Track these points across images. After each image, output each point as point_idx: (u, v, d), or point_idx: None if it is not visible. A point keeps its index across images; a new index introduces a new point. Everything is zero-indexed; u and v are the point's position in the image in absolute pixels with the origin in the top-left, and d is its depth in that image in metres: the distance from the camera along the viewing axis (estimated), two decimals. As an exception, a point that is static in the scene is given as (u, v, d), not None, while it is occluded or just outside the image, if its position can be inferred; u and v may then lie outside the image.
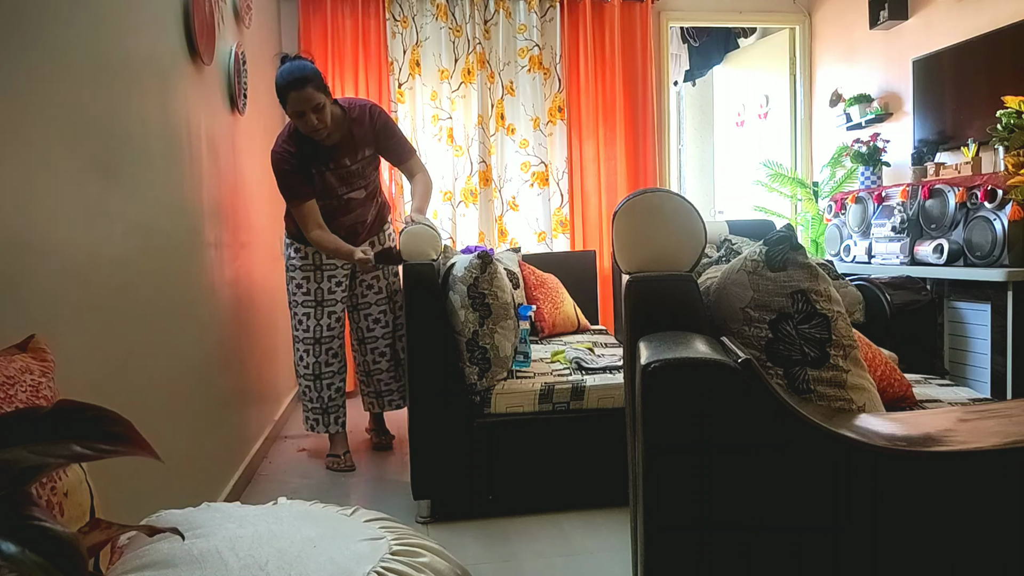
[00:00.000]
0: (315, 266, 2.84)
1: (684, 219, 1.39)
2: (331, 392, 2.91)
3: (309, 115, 2.56)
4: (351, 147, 2.75)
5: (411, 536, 1.11)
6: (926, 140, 3.66)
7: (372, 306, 2.97)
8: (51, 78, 1.38)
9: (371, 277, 2.95)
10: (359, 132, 2.75)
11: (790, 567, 1.07)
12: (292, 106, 2.56)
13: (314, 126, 2.58)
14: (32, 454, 0.59)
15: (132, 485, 1.59)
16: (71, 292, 1.42)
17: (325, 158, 2.72)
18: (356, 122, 2.74)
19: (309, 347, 2.86)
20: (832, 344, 1.30)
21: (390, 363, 3.01)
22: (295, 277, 2.86)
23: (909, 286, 2.91)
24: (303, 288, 2.85)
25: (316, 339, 2.85)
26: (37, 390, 0.97)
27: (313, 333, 2.85)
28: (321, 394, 2.89)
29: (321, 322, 2.85)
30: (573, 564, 2.02)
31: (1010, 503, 1.04)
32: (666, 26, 4.62)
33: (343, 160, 2.75)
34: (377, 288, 2.97)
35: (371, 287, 2.96)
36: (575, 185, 4.45)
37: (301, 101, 2.54)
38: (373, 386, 3.03)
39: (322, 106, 2.57)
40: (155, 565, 0.95)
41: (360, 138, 2.75)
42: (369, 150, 2.80)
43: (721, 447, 1.06)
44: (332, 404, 2.92)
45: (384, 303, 2.98)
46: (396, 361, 3.02)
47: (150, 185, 1.90)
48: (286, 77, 2.57)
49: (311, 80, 2.56)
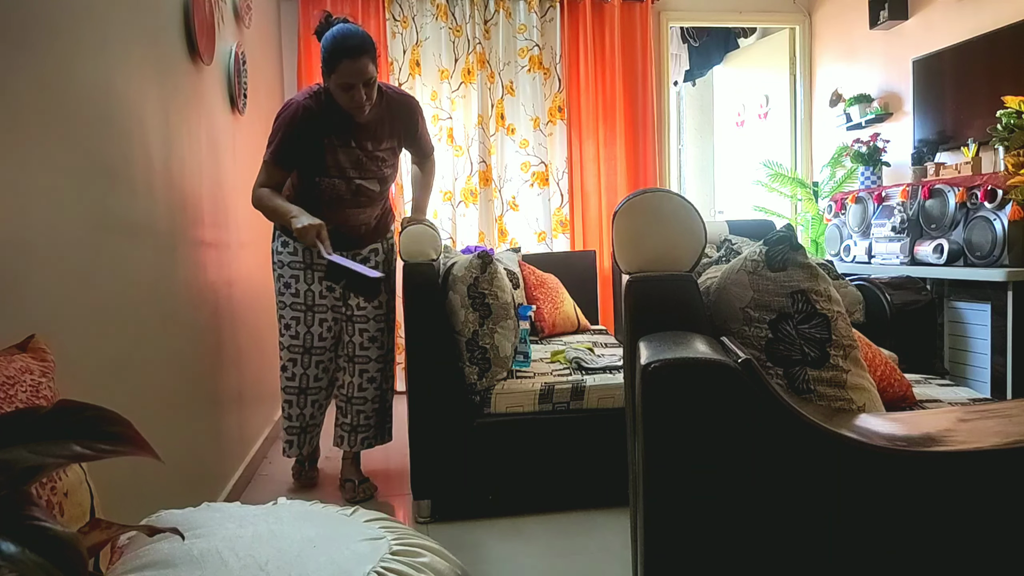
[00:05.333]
0: (305, 264, 2.48)
1: (684, 219, 1.39)
2: (314, 410, 2.57)
3: (359, 89, 2.24)
4: (378, 132, 2.43)
5: (411, 536, 1.11)
6: (926, 140, 3.66)
7: (370, 321, 2.53)
8: (51, 78, 1.38)
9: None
10: (391, 120, 2.46)
11: (790, 567, 1.07)
12: (342, 77, 2.23)
13: (361, 103, 2.27)
14: (32, 454, 0.59)
15: (132, 485, 1.59)
16: (71, 292, 1.42)
17: (347, 133, 2.38)
18: (393, 108, 2.46)
19: (296, 356, 2.50)
20: (832, 344, 1.30)
21: (377, 391, 2.57)
22: (283, 275, 2.50)
23: (909, 286, 2.91)
24: (291, 288, 2.49)
25: (306, 348, 2.50)
26: (37, 390, 0.97)
27: (303, 341, 2.50)
28: (304, 411, 2.55)
29: (312, 329, 2.50)
30: (573, 564, 2.02)
31: (1010, 503, 1.04)
32: (666, 26, 4.62)
33: (365, 143, 2.42)
34: (377, 302, 2.54)
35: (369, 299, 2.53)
36: (575, 185, 4.45)
37: (355, 72, 2.22)
38: (350, 416, 2.56)
39: (374, 81, 2.28)
40: (155, 565, 0.95)
41: (390, 126, 2.46)
42: (394, 142, 2.51)
43: (721, 447, 1.05)
44: (313, 423, 2.59)
45: (383, 320, 2.56)
46: (383, 391, 2.59)
47: (150, 185, 1.90)
48: (341, 42, 2.23)
49: (369, 49, 2.25)
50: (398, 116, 2.48)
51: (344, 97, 2.27)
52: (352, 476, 2.59)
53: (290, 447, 2.58)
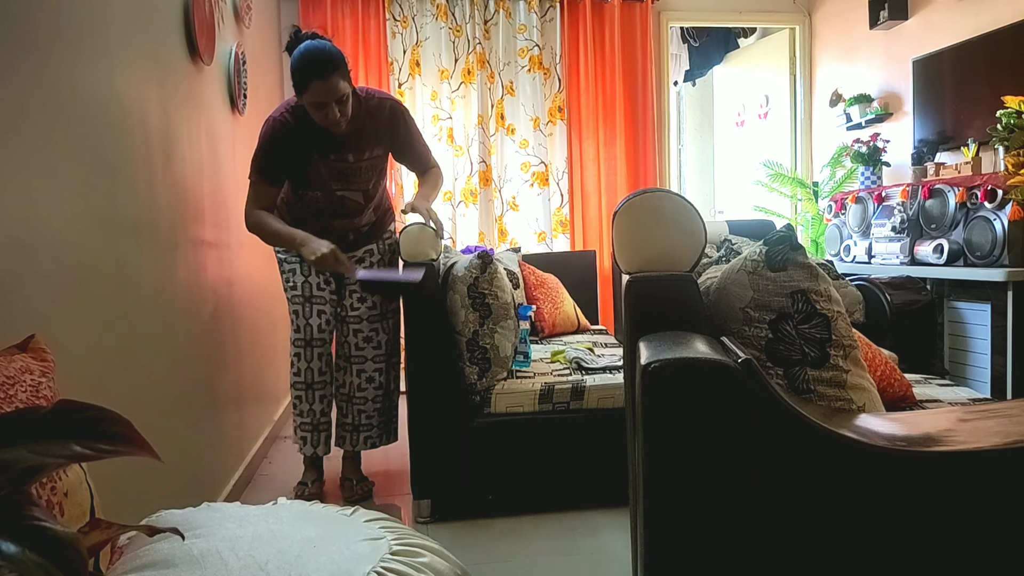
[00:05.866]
0: (300, 258, 2.44)
1: (684, 219, 1.39)
2: (323, 405, 2.54)
3: (332, 107, 2.21)
4: (359, 142, 2.39)
5: (411, 536, 1.11)
6: (926, 140, 3.66)
7: (363, 321, 2.52)
8: (51, 78, 1.38)
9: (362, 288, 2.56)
10: (372, 127, 2.40)
11: (790, 567, 1.07)
12: (314, 96, 2.19)
13: (335, 120, 2.23)
14: (32, 454, 0.59)
15: (132, 485, 1.59)
16: (71, 292, 1.42)
17: (326, 146, 2.35)
18: (371, 115, 2.39)
19: (300, 350, 2.50)
20: (832, 344, 1.30)
21: (378, 391, 2.55)
22: (283, 270, 2.53)
23: (909, 286, 2.91)
24: (290, 282, 2.50)
25: (307, 341, 2.49)
26: (37, 390, 0.97)
27: (304, 333, 2.48)
28: (313, 407, 2.52)
29: (311, 321, 2.48)
30: (573, 564, 2.02)
31: (1010, 503, 1.04)
32: (666, 26, 4.62)
33: (346, 155, 2.38)
34: (371, 302, 2.53)
35: (363, 299, 2.52)
36: (575, 185, 4.45)
37: (326, 91, 2.18)
38: (351, 416, 2.55)
39: (347, 98, 2.23)
40: (155, 565, 0.95)
41: (372, 134, 2.40)
42: (379, 150, 2.46)
43: (721, 447, 1.05)
44: (323, 420, 2.55)
45: (377, 320, 2.53)
46: (386, 391, 2.57)
47: (150, 185, 1.90)
48: (309, 61, 2.18)
49: (339, 66, 2.20)
50: (380, 121, 2.42)
51: (318, 115, 2.24)
52: (351, 475, 2.60)
53: (304, 444, 2.55)
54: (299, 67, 2.19)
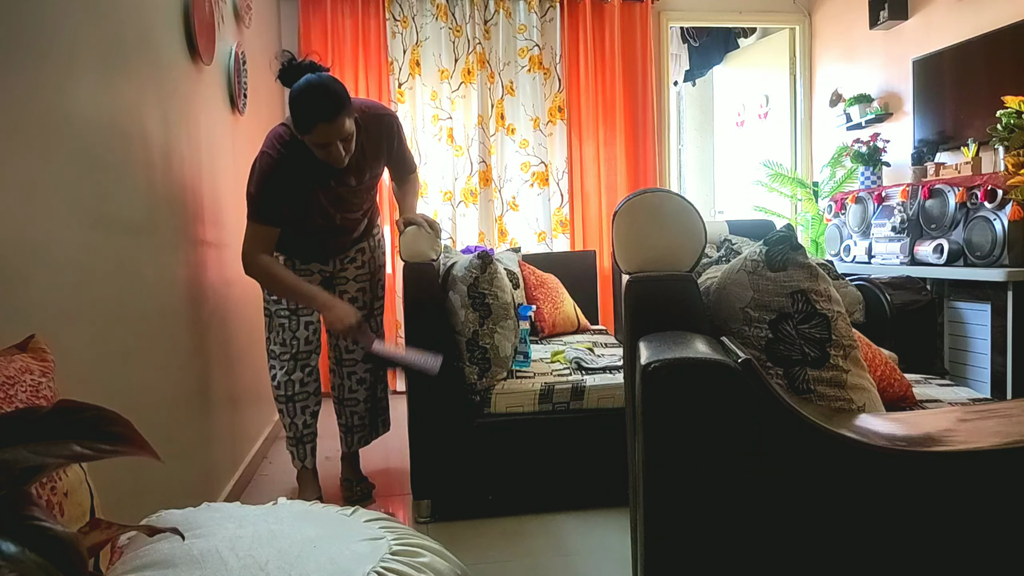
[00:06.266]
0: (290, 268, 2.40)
1: (684, 219, 1.39)
2: (306, 417, 2.47)
3: (336, 146, 2.07)
4: (361, 164, 2.27)
5: (411, 536, 1.11)
6: (926, 140, 3.66)
7: None
8: (51, 78, 1.38)
9: (355, 290, 2.50)
10: (371, 146, 2.28)
11: (790, 567, 1.07)
12: (319, 138, 2.04)
13: (339, 157, 2.09)
14: (32, 454, 0.59)
15: (132, 485, 1.59)
16: (71, 292, 1.42)
17: (326, 175, 2.22)
18: (372, 132, 2.27)
19: (285, 363, 2.42)
20: (832, 344, 1.30)
21: (368, 393, 2.55)
22: None
23: (909, 286, 2.91)
24: (274, 295, 2.40)
25: (292, 354, 2.41)
26: (37, 390, 0.97)
27: (290, 347, 2.40)
28: (295, 420, 2.45)
29: (298, 334, 2.40)
30: (573, 564, 2.02)
31: (1010, 503, 1.04)
32: (666, 26, 4.62)
33: (348, 179, 2.27)
34: (361, 302, 2.51)
35: (355, 300, 2.49)
36: (575, 185, 4.45)
37: (331, 133, 2.03)
38: (344, 417, 2.56)
39: (352, 136, 2.10)
40: (155, 565, 0.95)
41: (371, 152, 2.29)
42: (379, 167, 2.38)
43: (721, 447, 1.05)
44: (307, 432, 2.48)
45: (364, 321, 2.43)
46: (374, 393, 2.57)
47: (150, 185, 1.90)
48: (313, 102, 2.01)
49: (345, 105, 2.05)
50: (377, 137, 2.30)
51: (321, 153, 2.10)
52: (350, 476, 2.60)
53: (293, 457, 2.52)
54: (302, 109, 2.03)
